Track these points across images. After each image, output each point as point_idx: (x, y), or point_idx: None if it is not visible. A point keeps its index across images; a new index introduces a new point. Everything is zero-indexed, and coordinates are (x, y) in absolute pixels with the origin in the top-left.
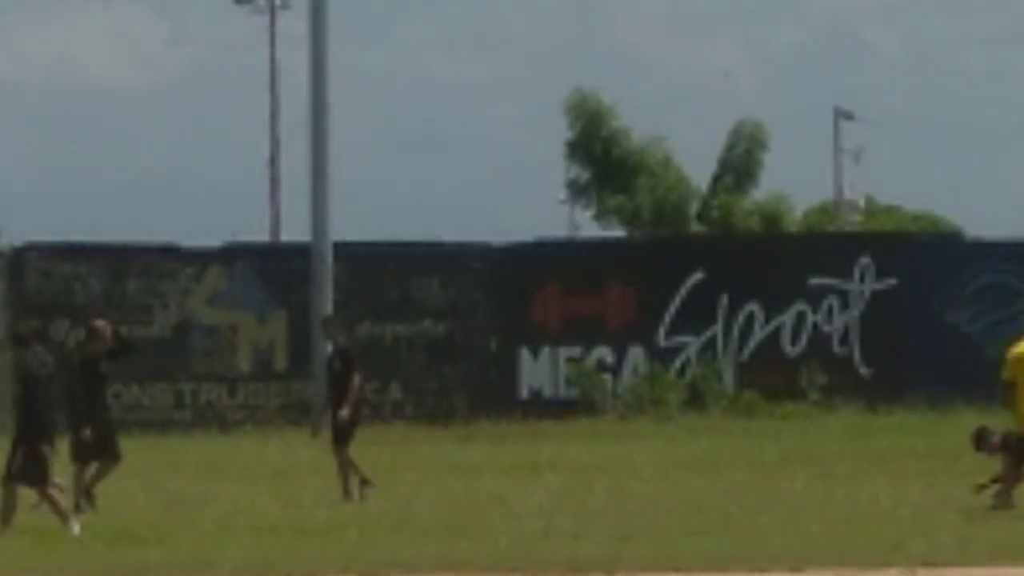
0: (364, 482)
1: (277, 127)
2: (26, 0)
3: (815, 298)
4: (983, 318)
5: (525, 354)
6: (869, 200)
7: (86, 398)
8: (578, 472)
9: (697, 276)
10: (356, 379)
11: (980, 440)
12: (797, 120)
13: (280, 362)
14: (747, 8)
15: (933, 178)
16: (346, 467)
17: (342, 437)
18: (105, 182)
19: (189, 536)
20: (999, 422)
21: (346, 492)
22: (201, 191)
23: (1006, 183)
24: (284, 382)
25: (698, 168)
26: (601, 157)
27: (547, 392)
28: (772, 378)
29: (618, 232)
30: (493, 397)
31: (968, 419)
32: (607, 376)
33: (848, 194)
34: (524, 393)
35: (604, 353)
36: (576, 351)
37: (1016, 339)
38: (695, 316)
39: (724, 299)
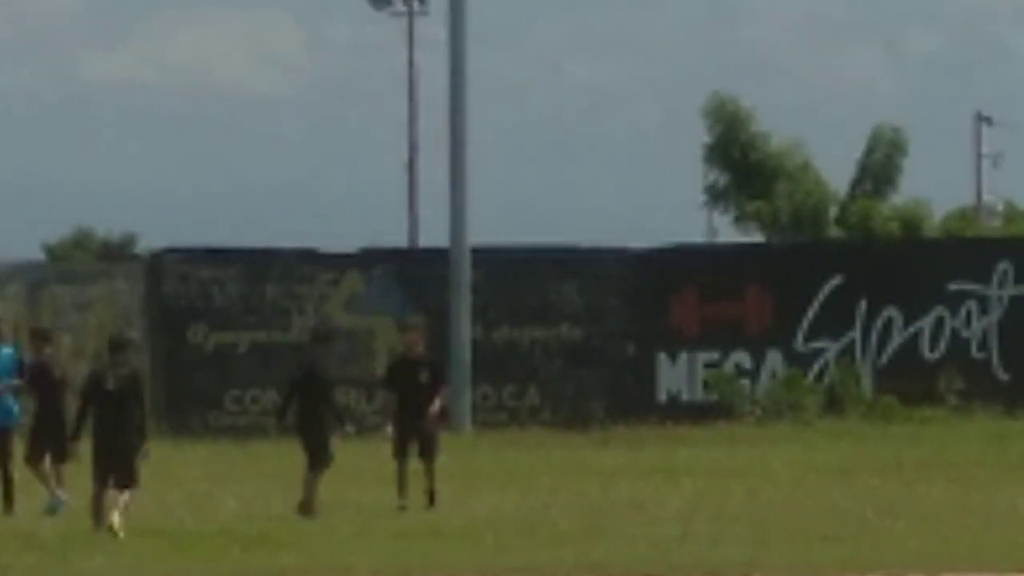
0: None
1: (415, 132)
2: (167, 6)
3: (954, 303)
4: None
5: (663, 358)
6: (1008, 205)
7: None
8: (715, 477)
9: (835, 281)
10: (444, 391)
11: None
12: (936, 125)
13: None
14: (885, 13)
15: None
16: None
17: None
18: (244, 187)
19: (326, 540)
20: None
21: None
22: (340, 196)
23: None
24: None
25: (837, 173)
26: (740, 161)
27: (685, 396)
28: (910, 383)
29: (757, 237)
30: (630, 401)
31: None
32: (745, 381)
33: (987, 199)
34: (662, 397)
35: (742, 358)
36: (714, 356)
37: None
38: (833, 321)
39: (863, 304)
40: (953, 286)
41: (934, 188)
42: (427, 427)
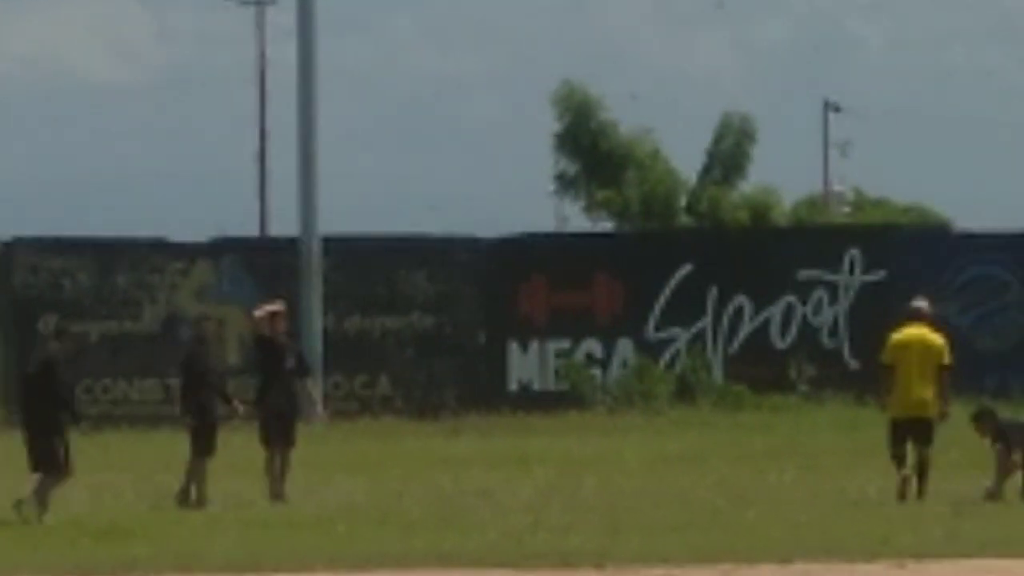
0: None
1: (265, 121)
2: None
3: (804, 291)
4: (972, 310)
5: (514, 347)
6: (857, 193)
7: None
8: (567, 466)
9: (686, 269)
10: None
11: (980, 418)
12: (784, 113)
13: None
14: (733, 1)
15: (921, 170)
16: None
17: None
18: (93, 177)
19: (177, 530)
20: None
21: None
22: (189, 186)
23: (994, 175)
24: None
25: (686, 161)
26: (589, 150)
27: (536, 385)
28: (761, 371)
29: (607, 225)
30: (482, 390)
31: (956, 411)
32: (596, 370)
33: (836, 187)
34: (513, 386)
35: (593, 346)
36: (565, 344)
37: (904, 324)
38: (684, 309)
39: (713, 292)
40: (803, 274)
41: (783, 176)
42: (293, 415)
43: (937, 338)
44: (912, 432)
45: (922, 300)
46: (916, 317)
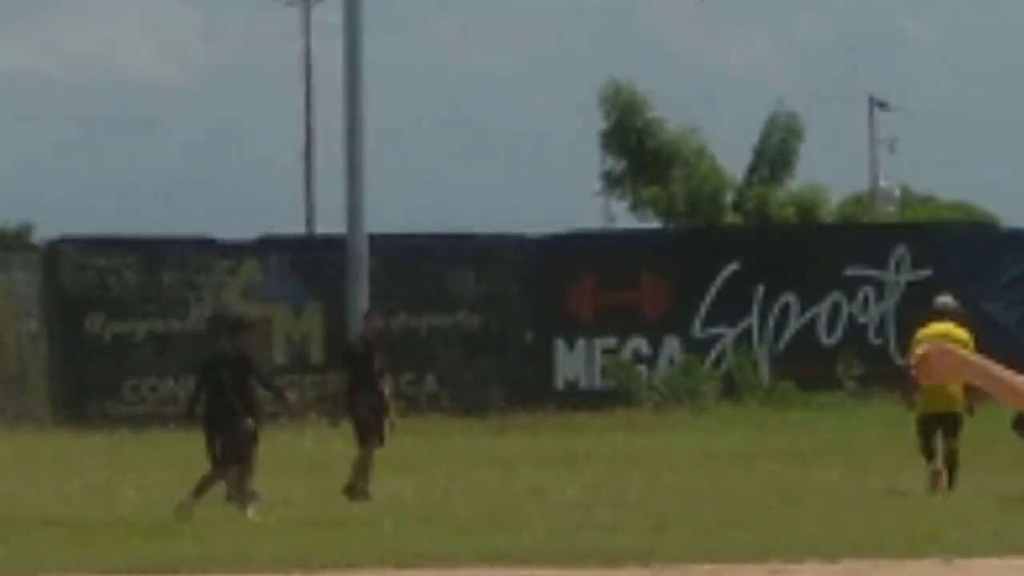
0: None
1: (312, 120)
2: None
3: (851, 288)
4: (1018, 307)
5: (560, 346)
6: (904, 190)
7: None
8: (614, 464)
9: (732, 267)
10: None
11: (1019, 425)
12: (832, 110)
13: (316, 354)
14: None
15: (968, 168)
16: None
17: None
18: (141, 177)
19: (225, 530)
20: None
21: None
22: (237, 185)
23: None
24: (319, 374)
25: (733, 159)
26: (635, 148)
27: (583, 383)
28: (808, 369)
29: (653, 223)
30: (528, 389)
31: (1003, 409)
32: (643, 367)
33: (883, 184)
34: (560, 385)
35: (640, 344)
36: (612, 342)
37: (927, 323)
38: (731, 307)
39: (760, 290)
40: (850, 271)
41: (830, 174)
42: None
43: (961, 332)
44: (941, 426)
45: (947, 296)
46: (942, 313)
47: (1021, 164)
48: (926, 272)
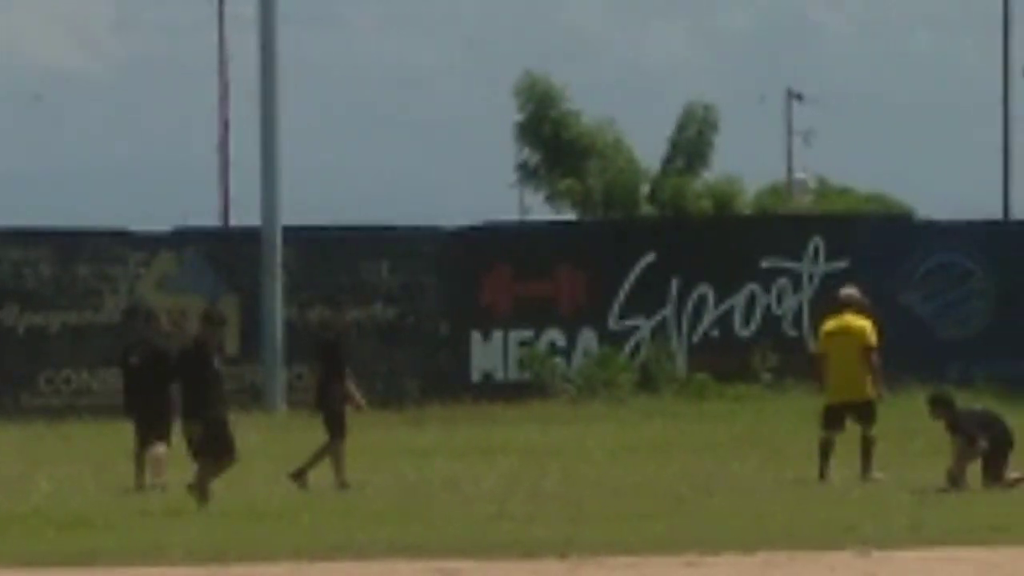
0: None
1: (226, 111)
2: None
3: (766, 280)
4: (934, 299)
5: (477, 337)
6: (820, 181)
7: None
8: (531, 455)
9: (648, 259)
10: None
11: (936, 403)
12: (747, 102)
13: (231, 347)
14: None
15: (884, 159)
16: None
17: None
18: (54, 167)
19: (140, 521)
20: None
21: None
22: (151, 176)
23: (956, 164)
24: (235, 366)
25: (649, 151)
26: (551, 140)
27: (499, 375)
28: (724, 360)
29: (569, 215)
30: (445, 380)
31: (920, 400)
32: (559, 359)
33: (799, 176)
34: (476, 376)
35: (556, 336)
36: (528, 334)
37: (832, 314)
38: (646, 298)
39: (675, 281)
40: (765, 263)
41: (746, 165)
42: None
43: (860, 321)
44: (852, 414)
45: (851, 287)
46: (845, 304)
47: (937, 155)
48: (842, 264)
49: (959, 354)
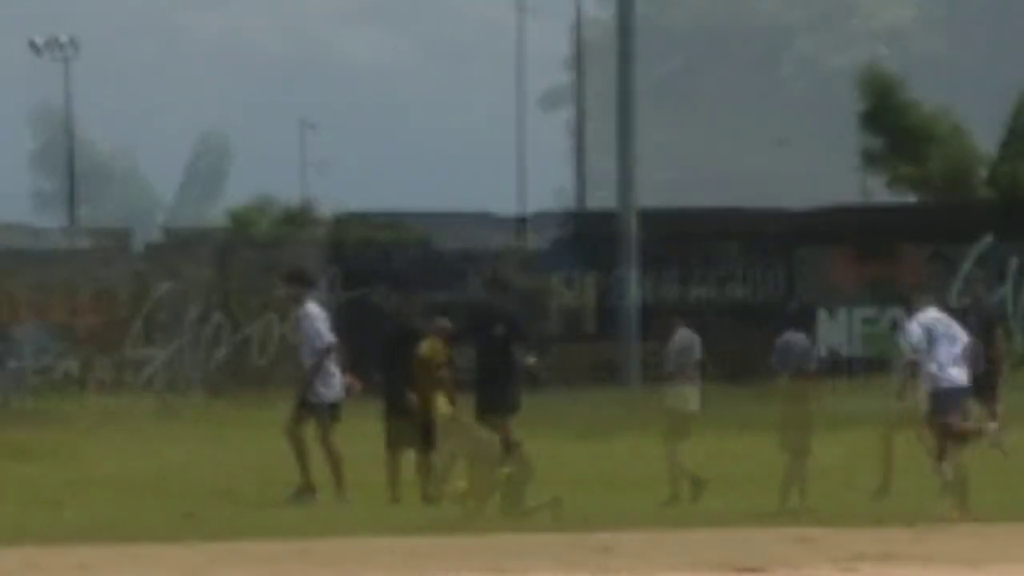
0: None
1: (583, 100)
2: None
3: None
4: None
5: (822, 315)
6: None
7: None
8: (875, 430)
9: (987, 239)
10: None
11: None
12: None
13: (589, 325)
14: None
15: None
16: None
17: None
18: (419, 154)
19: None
20: None
21: None
22: (511, 161)
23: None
24: (592, 343)
25: (981, 138)
26: (892, 128)
27: (843, 351)
28: None
29: (910, 198)
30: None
31: None
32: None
33: None
34: (822, 352)
35: (898, 313)
36: (871, 312)
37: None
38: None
39: (1013, 261)
40: None
41: None
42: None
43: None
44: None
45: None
46: None
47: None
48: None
49: None
